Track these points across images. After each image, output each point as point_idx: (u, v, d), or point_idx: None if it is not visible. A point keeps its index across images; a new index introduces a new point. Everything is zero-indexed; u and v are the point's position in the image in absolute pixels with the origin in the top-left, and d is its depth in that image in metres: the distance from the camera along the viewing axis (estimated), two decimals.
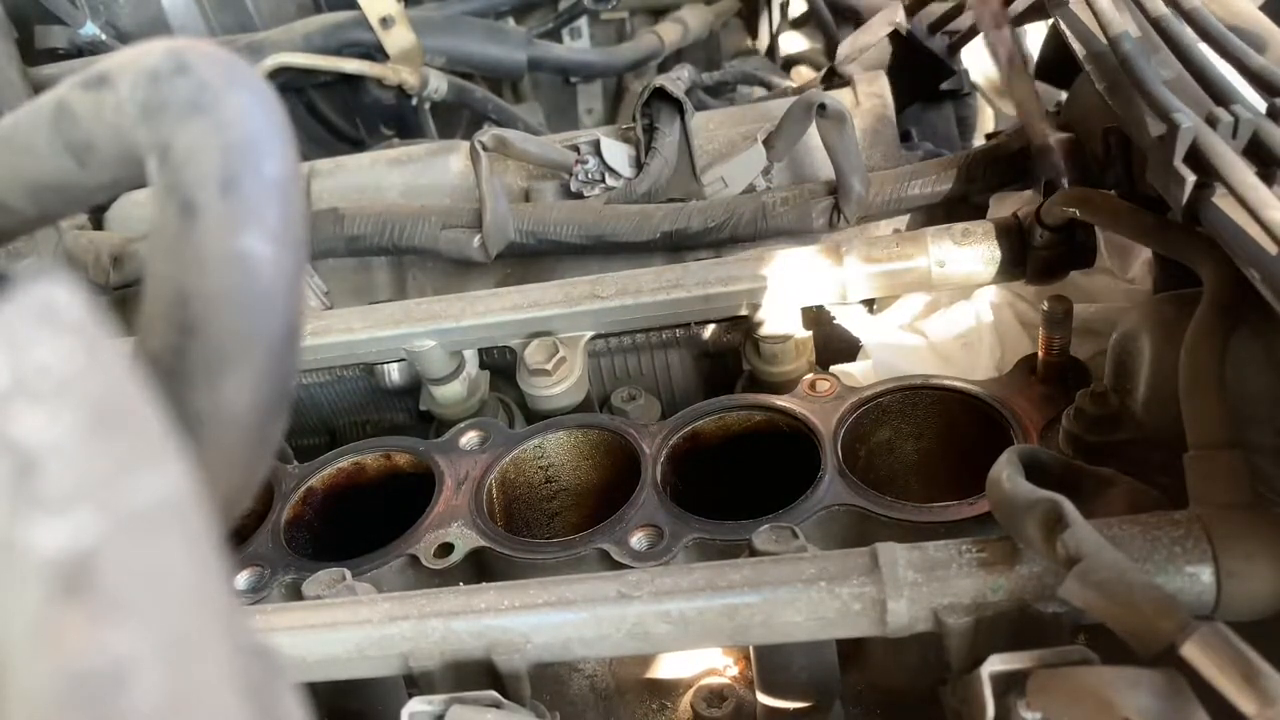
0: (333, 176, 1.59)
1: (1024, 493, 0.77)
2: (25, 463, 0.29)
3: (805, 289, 1.24)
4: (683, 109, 1.45)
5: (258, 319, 0.42)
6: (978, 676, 0.73)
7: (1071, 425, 1.01)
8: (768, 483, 1.11)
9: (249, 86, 0.44)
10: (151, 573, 0.29)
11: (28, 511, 0.28)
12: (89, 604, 0.28)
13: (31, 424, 0.29)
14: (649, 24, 2.50)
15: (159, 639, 0.28)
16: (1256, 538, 0.75)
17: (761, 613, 0.82)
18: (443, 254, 1.46)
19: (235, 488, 0.45)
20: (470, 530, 1.08)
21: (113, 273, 1.48)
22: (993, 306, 1.36)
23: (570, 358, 1.25)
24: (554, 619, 0.85)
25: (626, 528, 1.04)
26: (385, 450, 1.22)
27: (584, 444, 1.21)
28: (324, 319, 1.31)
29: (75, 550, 0.28)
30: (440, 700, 0.81)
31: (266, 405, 0.44)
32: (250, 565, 1.09)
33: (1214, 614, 0.75)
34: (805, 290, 1.24)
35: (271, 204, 0.42)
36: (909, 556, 0.81)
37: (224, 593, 0.32)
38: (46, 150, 0.46)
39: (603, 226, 1.41)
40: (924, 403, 1.15)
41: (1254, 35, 0.96)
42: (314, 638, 0.88)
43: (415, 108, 2.09)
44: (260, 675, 0.32)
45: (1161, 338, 0.96)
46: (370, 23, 1.98)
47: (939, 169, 1.39)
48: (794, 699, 0.93)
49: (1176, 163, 0.84)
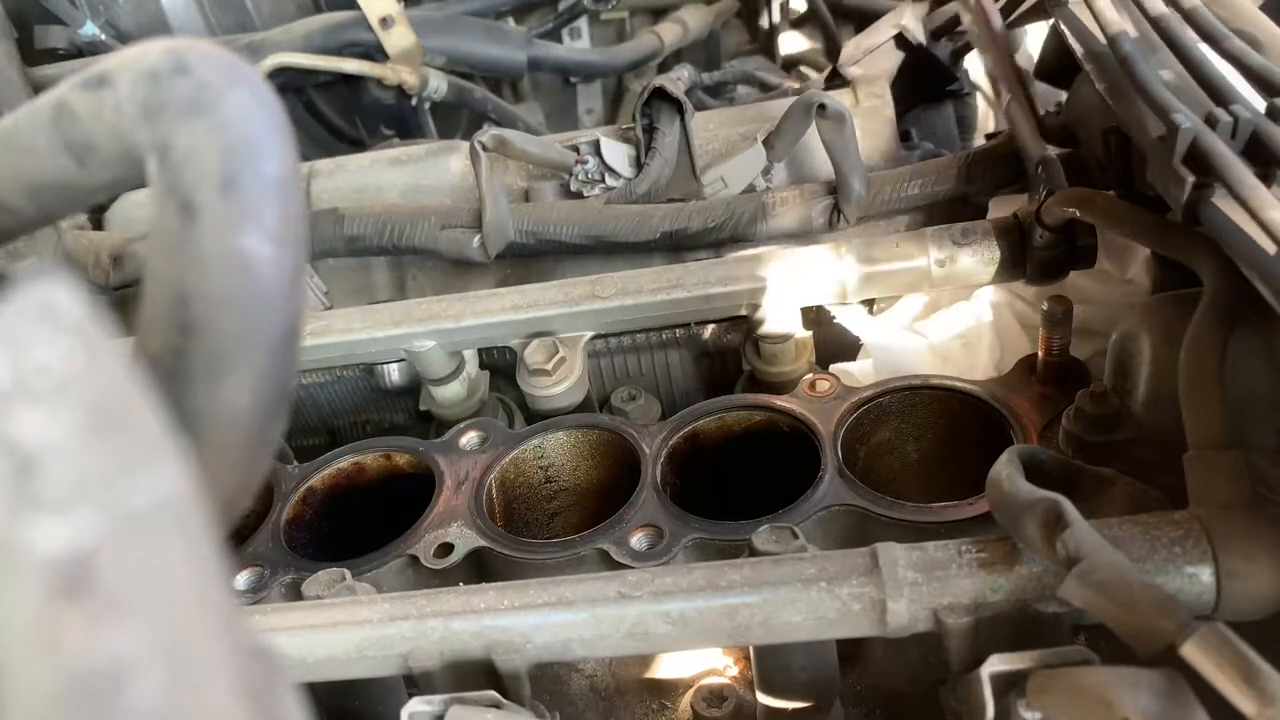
0: (333, 176, 1.59)
1: (1024, 493, 0.77)
2: (25, 462, 0.29)
3: (805, 289, 1.24)
4: (683, 109, 1.45)
5: (258, 319, 0.42)
6: (978, 676, 0.73)
7: (1071, 425, 1.01)
8: (768, 483, 1.11)
9: (249, 86, 0.44)
10: (151, 573, 0.29)
11: (27, 511, 0.28)
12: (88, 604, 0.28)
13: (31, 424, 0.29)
14: (649, 24, 2.50)
15: (159, 639, 0.28)
16: (1256, 538, 0.75)
17: (761, 613, 0.82)
18: (443, 254, 1.46)
19: (235, 488, 0.45)
20: (470, 530, 1.08)
21: (113, 273, 1.48)
22: (992, 306, 1.36)
23: (570, 358, 1.25)
24: (554, 619, 0.85)
25: (626, 528, 1.04)
26: (385, 450, 1.21)
27: (584, 444, 1.21)
28: (324, 319, 1.31)
29: (75, 550, 0.28)
30: (440, 700, 0.81)
31: (266, 405, 0.44)
32: (250, 565, 1.09)
33: (1214, 614, 0.75)
34: (805, 290, 1.24)
35: (271, 204, 0.42)
36: (909, 556, 0.81)
37: (224, 593, 0.32)
38: (46, 150, 0.46)
39: (603, 226, 1.41)
40: (924, 403, 1.15)
41: (1254, 35, 0.96)
42: (314, 638, 0.88)
43: (415, 108, 2.09)
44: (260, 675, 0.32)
45: (1161, 338, 0.96)
46: (370, 23, 1.98)
47: (939, 169, 1.39)
48: (794, 699, 0.93)
49: (1176, 163, 0.84)
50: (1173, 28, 0.94)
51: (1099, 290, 1.30)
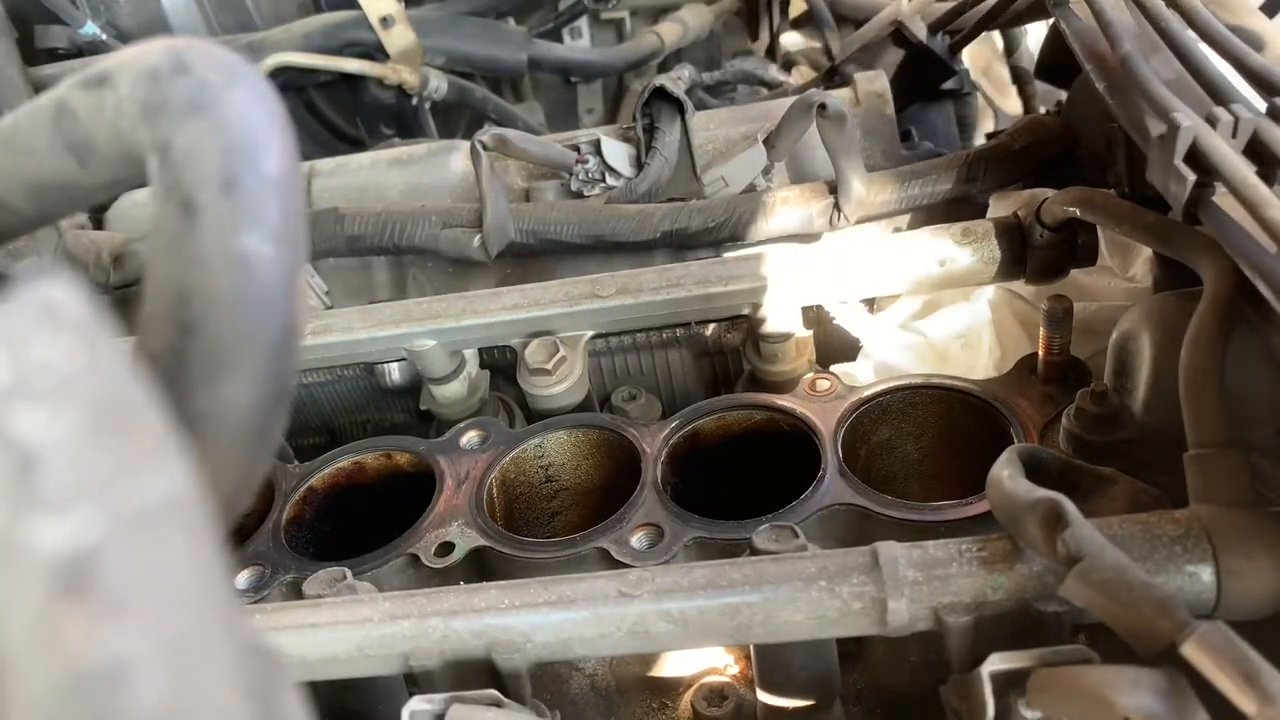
0: (333, 176, 1.59)
1: (1024, 492, 0.77)
2: (26, 461, 0.29)
3: (805, 288, 1.24)
4: (683, 109, 1.45)
5: (258, 318, 0.42)
6: (978, 676, 0.73)
7: (1072, 424, 1.01)
8: (768, 482, 1.11)
9: (249, 86, 0.44)
10: (152, 572, 0.29)
11: (29, 510, 0.28)
12: (90, 603, 0.28)
13: (32, 423, 0.29)
14: (649, 24, 2.50)
15: (160, 638, 0.28)
16: (1257, 537, 0.74)
17: (762, 612, 0.82)
18: (443, 254, 1.46)
19: (236, 487, 0.45)
20: (471, 529, 1.08)
21: (113, 272, 1.48)
22: (992, 306, 1.36)
23: (570, 357, 1.25)
24: (554, 618, 0.85)
25: (627, 527, 1.04)
26: (385, 450, 1.22)
27: (584, 443, 1.21)
28: (324, 319, 1.31)
29: (76, 549, 0.28)
30: (441, 699, 0.81)
31: (267, 404, 0.44)
32: (250, 565, 1.09)
33: (1214, 613, 0.75)
34: (805, 290, 1.24)
35: (272, 203, 0.42)
36: (909, 555, 0.81)
37: (225, 592, 0.32)
38: (47, 150, 0.46)
39: (603, 226, 1.41)
40: (924, 402, 1.15)
41: (1254, 35, 0.96)
42: (314, 637, 0.88)
43: (415, 108, 2.09)
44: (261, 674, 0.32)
45: (1162, 337, 0.96)
46: (370, 22, 1.98)
47: (939, 169, 1.39)
48: (794, 698, 0.93)
49: (1177, 162, 0.84)
50: (1173, 28, 0.94)
51: (1100, 288, 1.30)
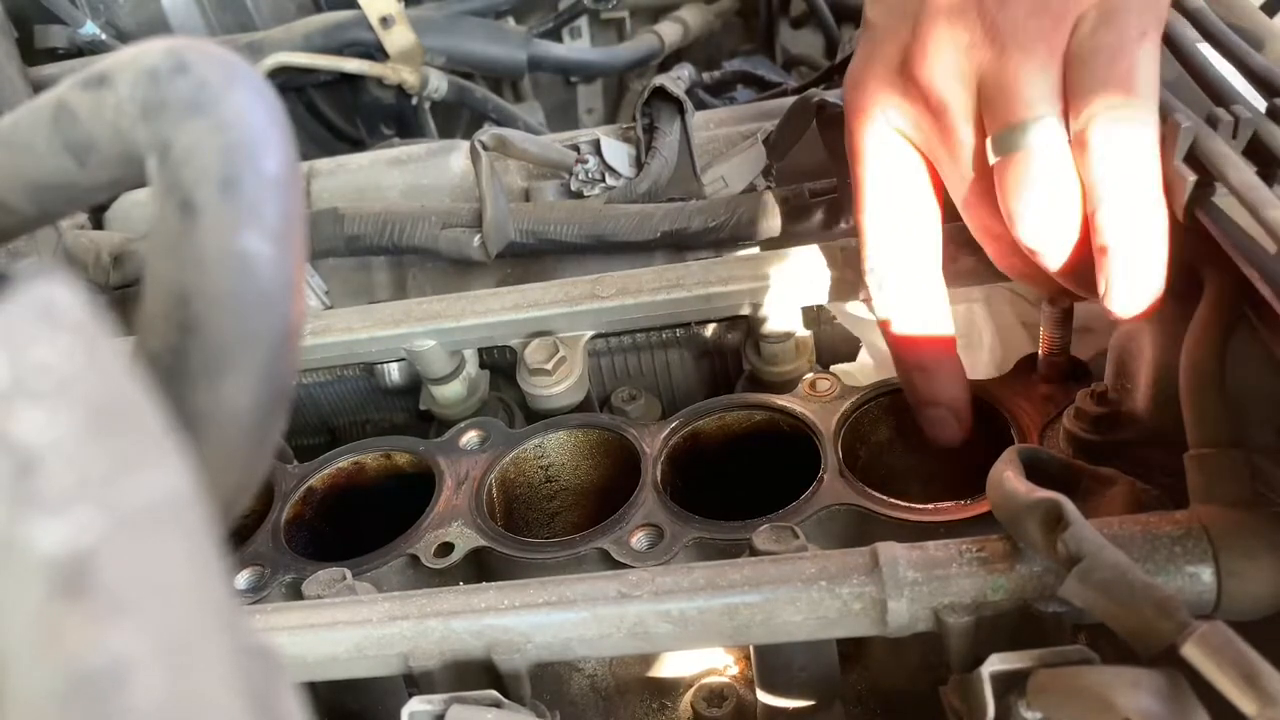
0: (333, 176, 1.59)
1: (1024, 492, 0.77)
2: (25, 461, 0.29)
3: (805, 288, 1.24)
4: (683, 108, 1.45)
5: (258, 318, 0.42)
6: (978, 676, 0.73)
7: (1072, 424, 1.01)
8: (768, 483, 1.11)
9: (249, 85, 0.44)
10: (152, 572, 0.29)
11: (27, 510, 0.28)
12: (89, 603, 0.28)
13: (31, 423, 0.29)
14: (649, 24, 2.50)
15: (159, 638, 0.28)
16: (1257, 537, 0.75)
17: (762, 612, 0.82)
18: (443, 254, 1.46)
19: (235, 487, 0.45)
20: (470, 530, 1.08)
21: (113, 272, 1.48)
22: (992, 306, 1.36)
23: (570, 357, 1.25)
24: (554, 619, 0.85)
25: (626, 527, 1.04)
26: (385, 450, 1.21)
27: (584, 444, 1.21)
28: (324, 319, 1.31)
29: (75, 549, 0.28)
30: (440, 700, 0.81)
31: (266, 404, 0.44)
32: (250, 565, 1.09)
33: (1215, 614, 0.75)
34: (805, 290, 1.24)
35: (271, 203, 0.42)
36: (909, 556, 0.81)
37: (224, 592, 0.32)
38: (46, 150, 0.46)
39: (603, 226, 1.41)
40: None
41: (1254, 35, 0.96)
42: (314, 637, 0.88)
43: (415, 107, 2.09)
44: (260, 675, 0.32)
45: (1162, 337, 0.96)
46: (370, 22, 1.98)
47: None
48: (794, 698, 0.93)
49: (1176, 162, 0.84)
50: (1173, 28, 0.94)
51: None
